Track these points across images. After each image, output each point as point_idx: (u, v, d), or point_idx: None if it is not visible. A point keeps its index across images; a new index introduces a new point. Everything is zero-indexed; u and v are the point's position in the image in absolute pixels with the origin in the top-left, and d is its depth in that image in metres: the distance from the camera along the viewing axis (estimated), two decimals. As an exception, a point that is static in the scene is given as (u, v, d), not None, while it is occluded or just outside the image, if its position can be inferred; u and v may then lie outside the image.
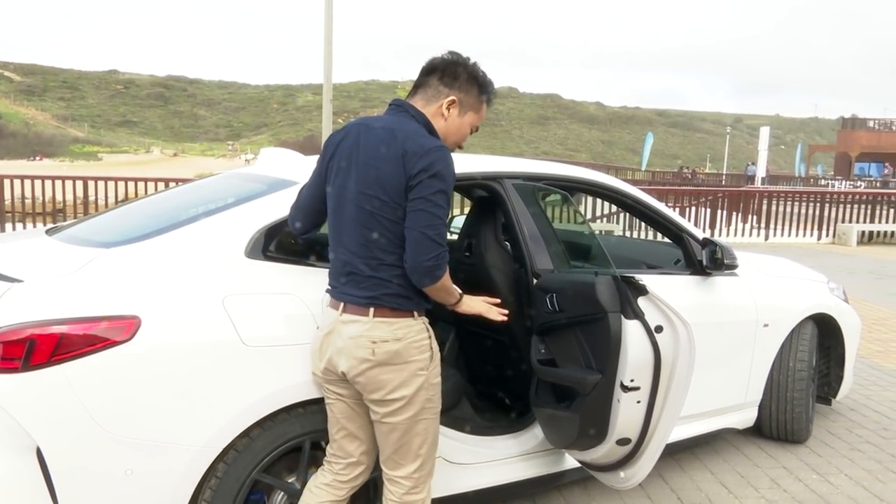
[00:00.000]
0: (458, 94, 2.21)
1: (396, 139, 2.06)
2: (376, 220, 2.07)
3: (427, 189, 2.02)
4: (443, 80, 2.21)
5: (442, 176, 2.03)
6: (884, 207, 15.41)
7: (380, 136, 2.10)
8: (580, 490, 3.29)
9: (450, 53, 2.24)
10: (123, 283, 2.17)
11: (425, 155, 2.02)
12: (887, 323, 7.10)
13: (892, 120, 46.48)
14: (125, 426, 2.05)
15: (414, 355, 2.12)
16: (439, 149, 2.06)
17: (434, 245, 2.02)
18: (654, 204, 3.41)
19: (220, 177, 3.35)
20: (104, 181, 11.60)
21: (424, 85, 2.23)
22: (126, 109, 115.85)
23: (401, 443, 2.17)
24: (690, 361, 2.47)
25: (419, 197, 2.02)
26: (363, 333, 2.09)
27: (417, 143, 2.05)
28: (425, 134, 2.13)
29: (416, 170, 2.01)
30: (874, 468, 3.66)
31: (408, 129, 2.10)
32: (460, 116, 2.24)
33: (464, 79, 2.22)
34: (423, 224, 2.02)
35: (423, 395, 2.14)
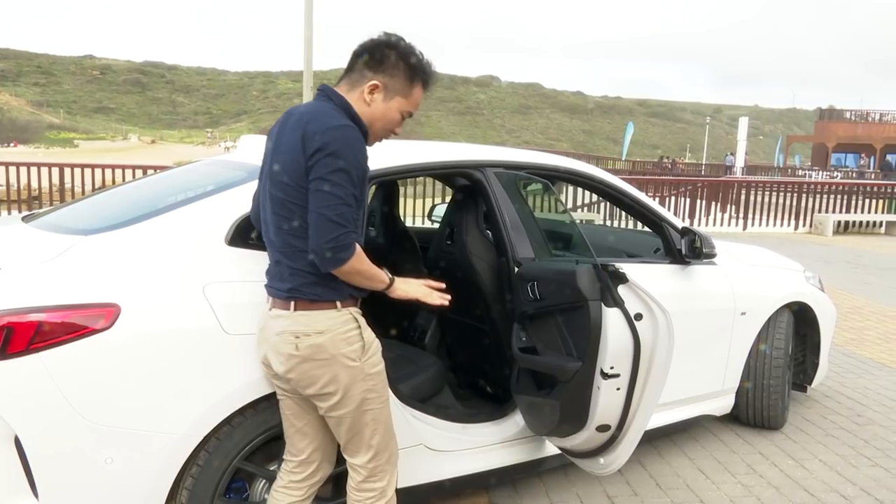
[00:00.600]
0: (383, 79, 2.08)
1: (301, 122, 1.99)
2: (287, 207, 1.99)
3: (324, 168, 1.91)
4: (368, 63, 2.08)
5: (340, 154, 1.91)
6: (859, 198, 15.62)
7: (293, 121, 2.02)
8: (561, 476, 3.32)
9: (383, 34, 2.11)
10: (102, 271, 2.15)
11: (324, 134, 1.92)
12: (862, 312, 7.22)
13: (868, 111, 47.03)
14: (105, 414, 2.04)
15: (341, 348, 2.04)
16: (341, 128, 1.95)
17: (333, 226, 1.91)
18: (634, 193, 3.43)
19: (199, 164, 3.32)
20: (80, 168, 11.43)
21: (351, 69, 2.12)
22: (102, 95, 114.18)
23: (350, 434, 2.13)
24: (669, 349, 2.50)
25: (316, 177, 1.92)
26: (286, 328, 2.04)
27: (319, 122, 1.96)
28: (335, 114, 2.01)
29: (313, 149, 1.92)
30: (848, 454, 3.73)
31: (316, 111, 2.01)
32: (385, 102, 2.10)
33: (391, 62, 2.08)
34: (320, 204, 1.91)
35: (361, 386, 2.07)
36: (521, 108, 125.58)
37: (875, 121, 45.31)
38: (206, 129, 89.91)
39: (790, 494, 3.26)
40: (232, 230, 2.36)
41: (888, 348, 5.83)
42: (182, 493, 2.22)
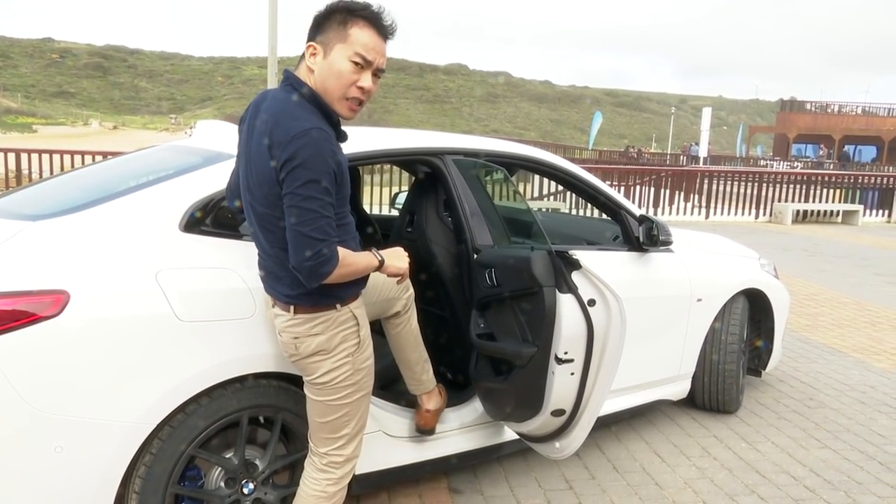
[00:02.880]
0: (320, 38, 1.98)
1: (266, 128, 1.91)
2: (269, 220, 1.96)
3: (294, 182, 1.84)
4: (309, 35, 2.01)
5: (307, 164, 1.83)
6: (818, 187, 15.96)
7: (262, 123, 1.94)
8: (520, 460, 3.36)
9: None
10: (51, 257, 2.11)
11: (289, 144, 1.84)
12: (817, 298, 7.40)
13: (828, 103, 48.00)
14: (54, 403, 2.01)
15: (339, 343, 2.09)
16: (304, 134, 1.85)
17: (310, 242, 1.85)
18: (592, 181, 3.46)
19: (155, 149, 3.26)
20: (38, 154, 11.17)
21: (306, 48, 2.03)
22: (62, 80, 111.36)
23: (323, 420, 2.16)
24: (622, 334, 2.54)
25: (288, 192, 1.86)
26: (286, 329, 2.09)
27: (284, 130, 1.87)
28: (294, 113, 1.92)
29: (281, 161, 1.85)
30: (799, 436, 3.84)
31: (278, 111, 1.92)
32: (326, 58, 1.97)
33: (324, 20, 1.98)
34: (294, 221, 1.86)
35: (351, 379, 2.12)
36: (490, 97, 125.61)
37: (834, 112, 46.31)
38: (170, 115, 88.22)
39: (742, 476, 3.34)
40: (186, 216, 2.33)
41: (840, 333, 5.99)
42: (135, 482, 2.20)
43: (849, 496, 3.19)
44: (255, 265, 2.34)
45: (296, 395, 2.44)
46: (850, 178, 17.43)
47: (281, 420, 2.44)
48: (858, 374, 4.92)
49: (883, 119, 44.70)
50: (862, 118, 45.34)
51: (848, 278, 8.66)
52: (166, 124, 76.36)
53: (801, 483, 3.30)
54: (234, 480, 2.39)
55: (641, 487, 3.19)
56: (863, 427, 3.99)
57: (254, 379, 2.35)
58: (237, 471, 2.39)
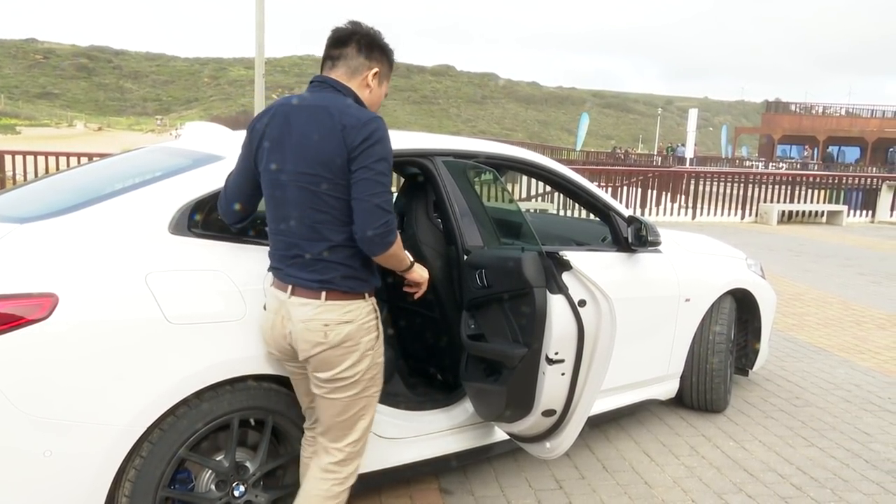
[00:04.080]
0: (379, 66, 2.23)
1: (332, 116, 2.05)
2: (322, 200, 2.06)
3: (369, 158, 2.02)
4: (362, 51, 2.19)
5: (381, 143, 2.04)
6: (803, 188, 16.10)
7: (312, 114, 2.08)
8: (510, 461, 3.37)
9: (352, 24, 2.22)
10: (39, 260, 2.09)
11: (364, 126, 2.02)
12: (803, 298, 7.46)
13: (812, 105, 48.47)
14: (43, 406, 2.00)
15: (363, 336, 2.15)
16: (376, 119, 2.06)
17: (382, 212, 2.02)
18: (581, 182, 3.48)
19: (143, 151, 3.25)
20: (23, 155, 11.08)
21: (343, 57, 2.19)
22: (46, 81, 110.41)
23: (341, 417, 2.21)
24: (612, 334, 2.55)
25: (362, 167, 2.01)
26: (315, 317, 2.10)
27: (354, 117, 2.04)
28: (358, 107, 2.12)
29: (357, 141, 2.01)
30: (785, 434, 3.87)
31: (341, 104, 2.09)
32: (380, 87, 2.26)
33: (379, 50, 2.23)
34: (368, 192, 2.01)
35: (369, 374, 2.20)
36: (477, 98, 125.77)
37: (818, 114, 46.77)
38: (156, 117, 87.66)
39: (730, 474, 3.37)
40: (175, 218, 2.32)
41: (826, 333, 6.05)
42: (125, 485, 2.18)
43: (835, 494, 3.22)
44: (244, 267, 2.35)
45: (287, 397, 2.43)
46: (834, 178, 17.59)
47: (272, 422, 2.43)
48: (844, 373, 4.96)
49: (866, 120, 45.18)
50: (846, 119, 45.81)
51: (833, 278, 8.74)
52: (152, 125, 75.86)
53: (788, 481, 3.32)
54: (224, 483, 2.38)
55: (631, 486, 3.21)
56: (848, 425, 4.03)
57: (244, 381, 2.34)
58: (228, 473, 2.38)
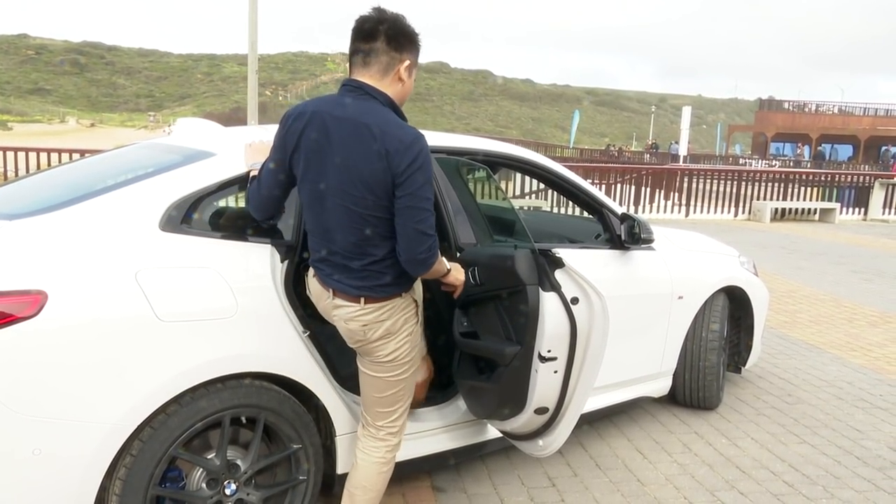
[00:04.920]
0: (410, 56, 2.18)
1: (374, 136, 2.04)
2: (365, 220, 2.11)
3: (413, 184, 2.04)
4: (391, 44, 2.13)
5: (424, 168, 2.06)
6: (795, 186, 16.15)
7: (355, 131, 2.07)
8: (503, 458, 3.37)
9: (377, 11, 2.14)
10: (28, 257, 2.07)
11: (408, 150, 2.03)
12: (795, 295, 7.49)
13: (805, 103, 48.60)
14: (31, 404, 1.98)
15: (402, 325, 2.28)
16: (418, 140, 2.06)
17: (425, 238, 2.10)
18: (574, 179, 3.47)
19: (134, 147, 3.22)
20: (14, 151, 11.02)
21: (373, 53, 2.13)
22: (38, 76, 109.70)
23: (380, 395, 2.36)
24: (605, 332, 2.55)
25: (407, 194, 2.05)
26: (354, 318, 2.23)
27: (397, 139, 2.04)
28: (399, 122, 2.10)
29: (401, 167, 2.03)
30: (778, 432, 3.88)
31: (382, 121, 2.07)
32: (410, 77, 2.22)
33: (408, 39, 2.17)
34: (414, 220, 2.07)
35: (410, 355, 2.34)
36: (471, 95, 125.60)
37: (811, 112, 46.95)
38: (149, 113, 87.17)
39: (723, 472, 3.37)
40: (166, 215, 2.31)
41: (818, 330, 6.07)
42: (115, 484, 2.17)
43: (827, 491, 3.23)
44: (235, 264, 2.34)
45: (278, 394, 2.42)
46: (827, 176, 17.65)
47: (263, 420, 2.42)
48: (836, 370, 4.98)
49: (859, 118, 45.35)
50: (838, 117, 45.98)
51: (825, 275, 8.77)
52: (145, 122, 75.49)
53: (780, 478, 3.33)
54: (216, 481, 2.37)
55: (623, 484, 3.21)
56: (840, 422, 4.05)
57: (236, 379, 2.33)
58: (219, 471, 2.37)
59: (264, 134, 2.93)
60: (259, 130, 3.16)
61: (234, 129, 3.52)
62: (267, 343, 2.39)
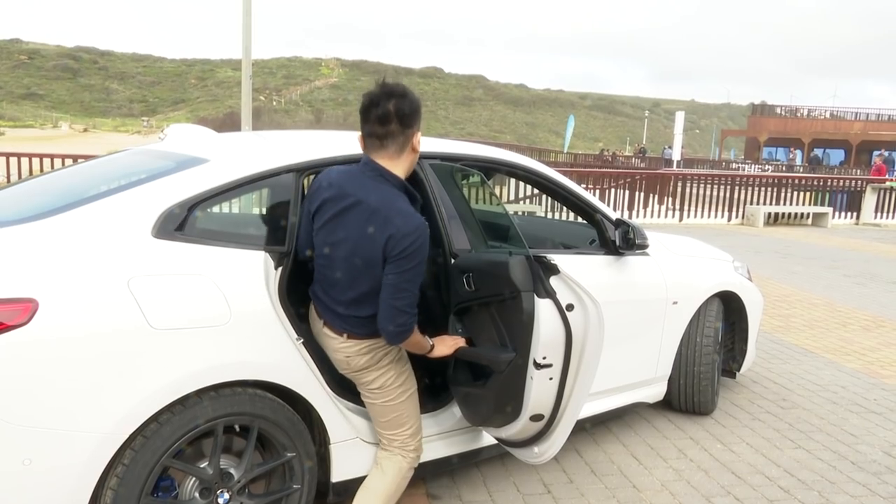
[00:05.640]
0: (418, 124, 2.36)
1: (381, 220, 2.23)
2: (363, 281, 2.31)
3: (401, 266, 2.22)
4: (403, 124, 2.28)
5: (417, 254, 2.23)
6: (789, 190, 16.21)
7: (369, 217, 2.26)
8: (498, 465, 3.36)
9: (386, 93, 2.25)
10: (19, 264, 2.06)
11: (405, 238, 2.21)
12: (789, 299, 7.50)
13: (797, 107, 48.83)
14: (22, 414, 1.96)
15: (381, 358, 2.45)
16: (419, 229, 2.23)
17: (400, 314, 2.26)
18: (568, 185, 3.47)
19: (126, 153, 3.21)
20: (6, 157, 10.97)
21: (388, 136, 2.28)
22: (31, 81, 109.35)
23: (382, 419, 2.53)
24: (600, 339, 2.54)
25: (394, 272, 2.23)
26: (339, 349, 2.44)
27: (399, 228, 2.21)
28: (406, 210, 2.26)
29: (396, 251, 2.21)
30: (773, 436, 3.88)
31: (390, 207, 2.24)
32: (417, 147, 2.40)
33: (416, 112, 2.31)
34: (394, 297, 2.24)
35: (397, 381, 2.49)
36: (465, 100, 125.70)
37: (804, 116, 47.14)
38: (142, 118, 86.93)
39: (718, 477, 3.37)
40: (159, 222, 2.29)
41: (812, 335, 6.08)
42: (106, 493, 2.15)
43: (822, 496, 3.23)
44: (228, 271, 2.33)
45: (272, 402, 2.41)
46: (820, 181, 17.72)
47: (257, 428, 2.40)
48: (830, 375, 4.99)
49: (850, 123, 45.56)
50: (830, 122, 46.18)
51: (819, 280, 8.80)
52: (138, 127, 75.29)
53: (775, 483, 3.33)
54: (208, 490, 2.35)
55: (619, 490, 3.20)
56: (835, 427, 4.05)
57: (229, 387, 2.31)
58: (212, 480, 2.35)
59: (259, 140, 2.92)
60: (253, 136, 3.15)
61: (228, 134, 3.51)
62: (261, 351, 2.38)
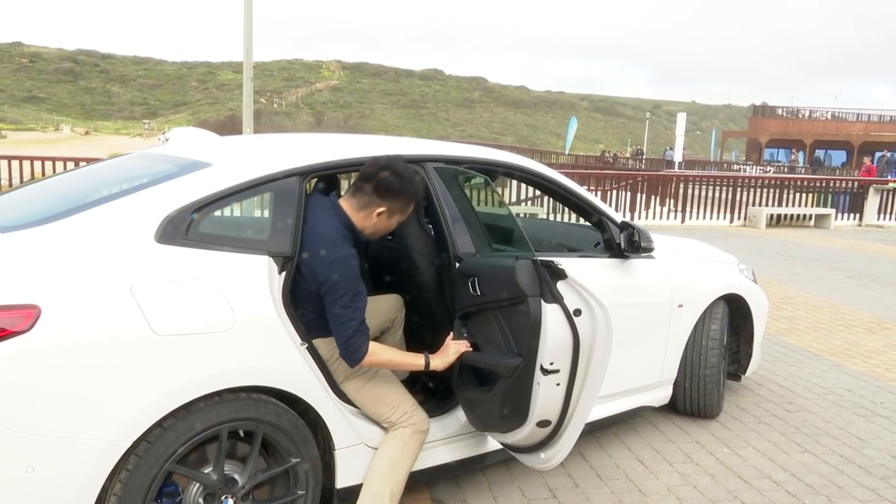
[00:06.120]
0: (389, 204, 2.53)
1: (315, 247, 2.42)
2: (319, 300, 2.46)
3: (330, 296, 2.39)
4: (377, 191, 2.50)
5: (340, 284, 2.37)
6: (791, 192, 16.18)
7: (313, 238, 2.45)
8: (503, 470, 3.33)
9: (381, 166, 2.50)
10: (21, 270, 2.04)
11: (325, 268, 2.38)
12: (793, 301, 7.48)
13: (798, 108, 48.78)
14: (25, 421, 1.94)
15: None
16: (338, 262, 2.39)
17: (342, 338, 2.40)
18: (573, 187, 3.45)
19: (129, 157, 3.19)
20: (8, 160, 10.97)
21: (360, 190, 2.53)
22: (32, 84, 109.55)
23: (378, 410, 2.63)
24: (608, 344, 2.52)
25: (327, 302, 2.41)
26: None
27: (321, 258, 2.39)
28: (337, 240, 2.44)
29: (320, 280, 2.39)
30: (779, 440, 3.85)
31: (324, 237, 2.43)
32: (388, 219, 2.58)
33: (395, 191, 2.51)
34: (333, 322, 2.41)
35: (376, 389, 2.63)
36: (466, 102, 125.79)
37: (805, 117, 47.08)
38: (144, 121, 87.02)
39: (725, 481, 3.35)
40: (162, 227, 2.27)
41: (817, 337, 6.05)
42: (110, 500, 2.13)
43: (830, 501, 3.20)
44: (232, 276, 2.32)
45: (276, 407, 2.39)
46: (822, 182, 17.70)
47: (261, 434, 2.38)
48: (835, 378, 4.96)
49: (852, 124, 45.48)
50: (832, 123, 46.11)
51: (822, 281, 8.77)
52: (139, 129, 75.38)
53: (783, 488, 3.30)
54: (213, 496, 2.33)
55: (625, 495, 3.18)
56: (841, 430, 4.02)
57: (233, 392, 2.29)
58: (216, 486, 2.33)
59: (262, 144, 2.91)
60: (256, 140, 3.13)
61: (230, 138, 3.49)
62: (265, 356, 2.36)
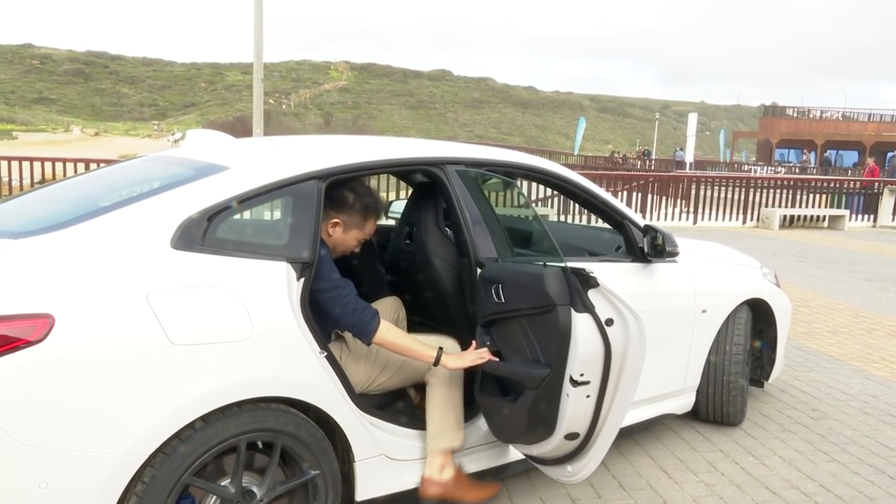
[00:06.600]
0: (341, 217, 2.62)
1: None
2: None
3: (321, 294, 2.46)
4: (332, 202, 2.57)
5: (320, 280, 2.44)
6: (804, 193, 16.03)
7: None
8: (523, 479, 3.25)
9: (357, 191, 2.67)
10: (34, 278, 1.97)
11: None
12: (811, 304, 7.36)
13: (809, 109, 48.45)
14: (38, 434, 1.88)
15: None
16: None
17: (345, 322, 2.52)
18: (595, 190, 3.37)
19: (143, 160, 3.13)
20: (19, 161, 10.96)
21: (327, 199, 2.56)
22: (42, 86, 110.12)
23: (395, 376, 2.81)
24: (641, 355, 2.43)
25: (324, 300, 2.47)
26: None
27: None
28: None
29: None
30: (805, 449, 3.76)
31: None
32: (344, 233, 2.65)
33: (348, 208, 2.62)
34: (336, 309, 2.49)
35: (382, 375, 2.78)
36: (474, 103, 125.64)
37: (816, 118, 46.75)
38: (153, 122, 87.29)
39: (752, 492, 3.25)
40: (178, 233, 2.20)
41: (837, 341, 5.94)
42: (126, 515, 2.06)
43: (862, 513, 3.11)
44: (250, 283, 2.25)
45: (295, 418, 2.32)
46: (835, 183, 17.53)
47: (280, 445, 2.31)
48: (859, 384, 4.86)
49: (863, 124, 45.12)
50: (843, 123, 45.78)
51: (839, 284, 8.64)
52: (149, 131, 75.63)
53: (812, 499, 3.21)
54: (230, 510, 2.26)
55: (650, 507, 3.09)
56: (868, 439, 3.92)
57: (252, 403, 2.22)
58: (234, 499, 2.26)
59: (278, 147, 2.84)
60: (272, 143, 3.06)
61: (245, 140, 3.42)
62: (283, 366, 2.29)
